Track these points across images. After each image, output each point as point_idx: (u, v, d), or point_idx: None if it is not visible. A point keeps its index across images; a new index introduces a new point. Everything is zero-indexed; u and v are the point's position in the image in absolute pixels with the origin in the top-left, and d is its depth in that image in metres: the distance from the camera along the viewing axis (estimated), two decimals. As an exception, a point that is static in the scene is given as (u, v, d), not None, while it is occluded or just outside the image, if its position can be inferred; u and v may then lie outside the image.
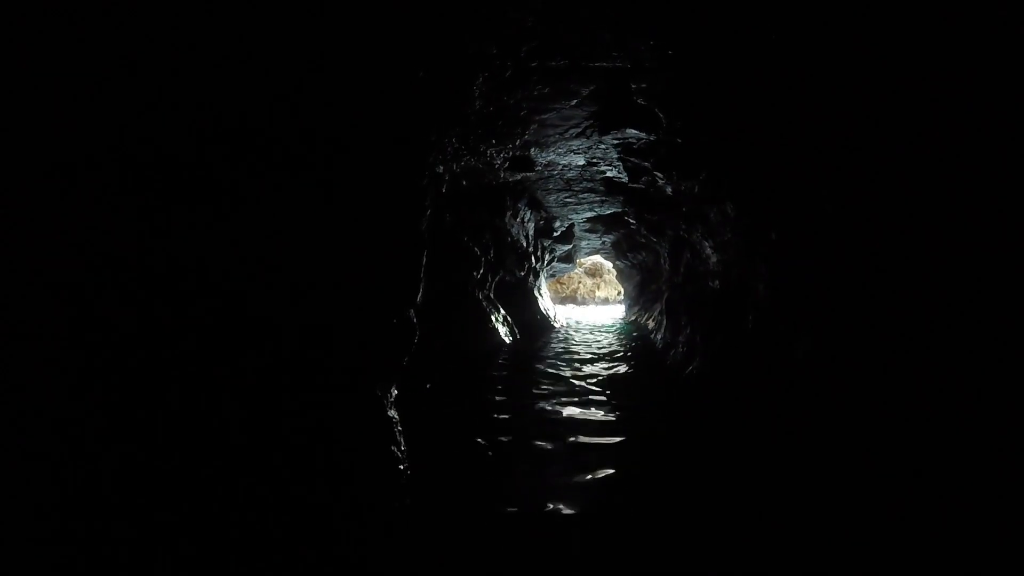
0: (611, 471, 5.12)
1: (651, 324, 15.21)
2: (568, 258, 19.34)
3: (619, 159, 8.48)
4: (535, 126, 6.81)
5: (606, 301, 27.00)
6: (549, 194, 12.34)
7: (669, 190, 9.27)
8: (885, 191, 4.53)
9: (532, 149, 8.18)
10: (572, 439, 5.96)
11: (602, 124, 6.66)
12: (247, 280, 3.88)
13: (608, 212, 13.98)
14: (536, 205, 13.38)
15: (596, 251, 20.25)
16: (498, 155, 8.22)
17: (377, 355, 5.13)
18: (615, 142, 7.63)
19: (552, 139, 7.55)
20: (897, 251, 4.49)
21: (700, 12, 4.24)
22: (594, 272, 28.45)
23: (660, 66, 5.08)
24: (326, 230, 4.51)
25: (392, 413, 5.23)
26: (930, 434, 4.01)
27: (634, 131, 6.88)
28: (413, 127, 5.26)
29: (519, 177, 10.40)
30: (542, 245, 16.40)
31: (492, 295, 13.84)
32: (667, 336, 12.28)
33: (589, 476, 5.05)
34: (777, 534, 3.94)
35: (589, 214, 14.32)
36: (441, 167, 7.34)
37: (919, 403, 4.17)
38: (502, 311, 13.92)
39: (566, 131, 7.13)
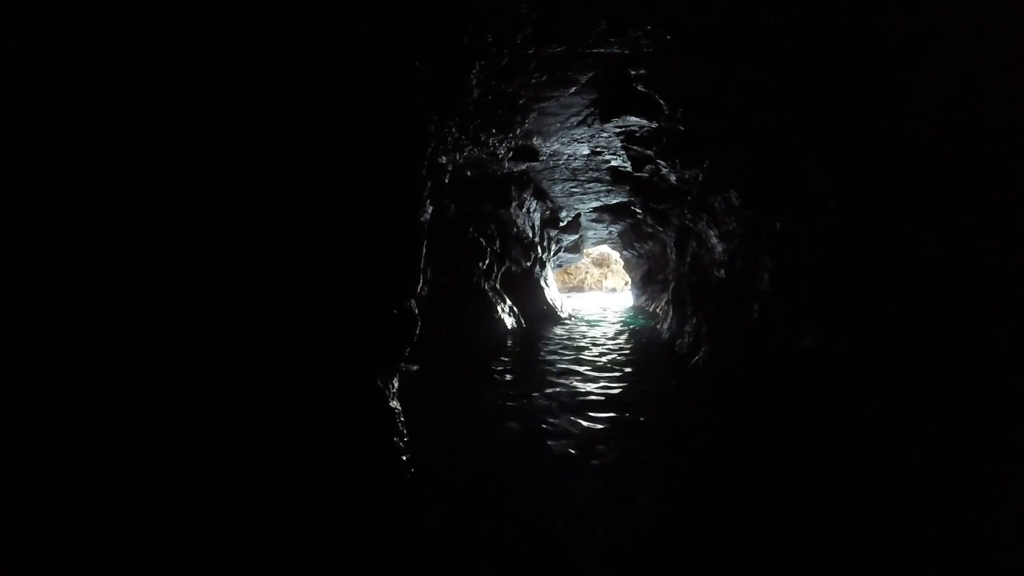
0: (617, 460, 5.11)
1: (658, 313, 15.16)
2: (575, 248, 19.28)
3: (623, 147, 8.42)
4: (535, 114, 6.76)
5: (613, 291, 26.91)
6: (555, 184, 12.28)
7: (673, 179, 9.21)
8: (890, 185, 4.47)
9: (535, 138, 8.13)
10: (577, 430, 5.93)
11: (602, 112, 6.60)
12: (244, 272, 3.87)
13: (614, 202, 13.92)
14: (542, 195, 13.33)
15: (603, 241, 20.18)
16: (501, 144, 8.16)
17: (377, 347, 5.12)
18: (617, 130, 7.57)
19: (554, 128, 7.49)
20: (903, 245, 4.44)
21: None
22: (601, 262, 28.34)
23: (659, 52, 5.03)
24: (323, 221, 4.49)
25: (394, 404, 5.21)
26: (936, 431, 3.96)
27: (635, 119, 6.81)
28: (410, 117, 5.22)
29: (524, 167, 10.36)
30: (548, 235, 16.34)
31: (498, 285, 13.82)
32: (673, 326, 12.23)
33: (594, 470, 5.03)
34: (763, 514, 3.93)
35: (595, 204, 14.25)
36: (443, 157, 7.30)
37: (926, 399, 4.12)
38: (508, 301, 13.90)
39: (567, 119, 7.08)
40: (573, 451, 5.34)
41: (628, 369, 9.66)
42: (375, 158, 4.91)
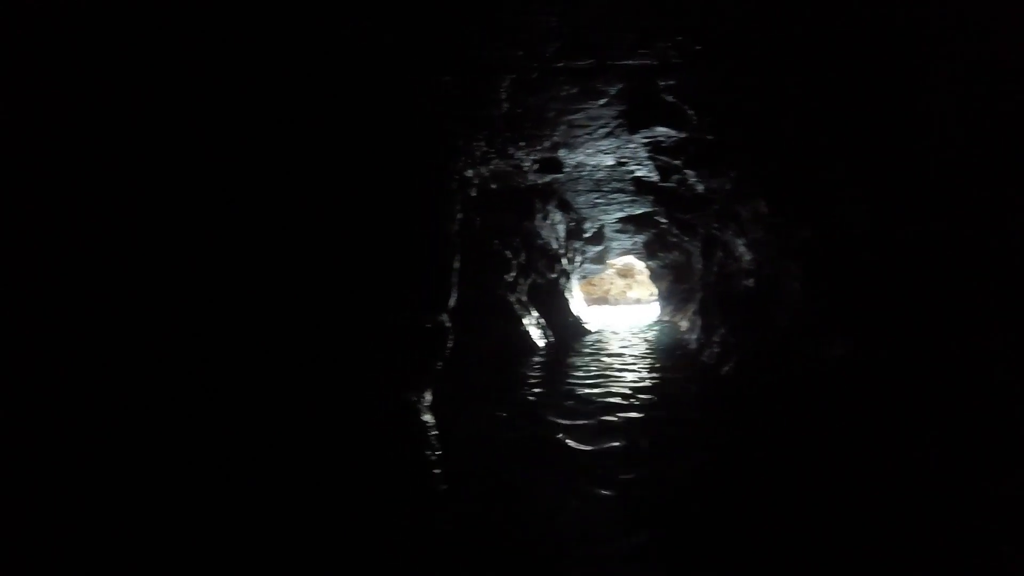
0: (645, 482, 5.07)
1: (685, 324, 15.07)
2: (599, 259, 19.23)
3: (649, 158, 8.41)
4: (563, 127, 6.78)
5: (638, 302, 26.73)
6: (578, 195, 12.30)
7: (700, 188, 9.18)
8: (919, 192, 4.43)
9: (561, 150, 8.16)
10: (604, 445, 5.90)
11: (631, 123, 6.61)
12: (268, 284, 3.91)
13: (639, 212, 13.88)
14: (566, 207, 13.34)
15: (627, 252, 20.11)
16: (527, 157, 8.20)
17: (408, 361, 5.14)
18: (644, 141, 7.57)
19: (581, 140, 7.51)
20: (932, 252, 4.39)
21: (727, 7, 4.20)
22: (625, 273, 28.16)
23: (687, 62, 5.04)
24: (355, 234, 4.53)
25: (427, 418, 5.21)
26: (969, 441, 3.90)
27: (663, 129, 6.82)
28: (440, 132, 5.27)
29: (548, 179, 10.39)
30: (573, 247, 16.33)
31: (524, 298, 13.82)
32: (701, 336, 12.15)
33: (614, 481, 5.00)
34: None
35: (619, 214, 14.23)
36: (470, 171, 7.36)
37: (958, 408, 4.06)
38: (534, 314, 13.90)
39: (595, 131, 7.09)
40: (595, 460, 5.32)
41: (655, 377, 9.61)
42: (405, 173, 4.96)
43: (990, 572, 3.29)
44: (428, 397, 5.32)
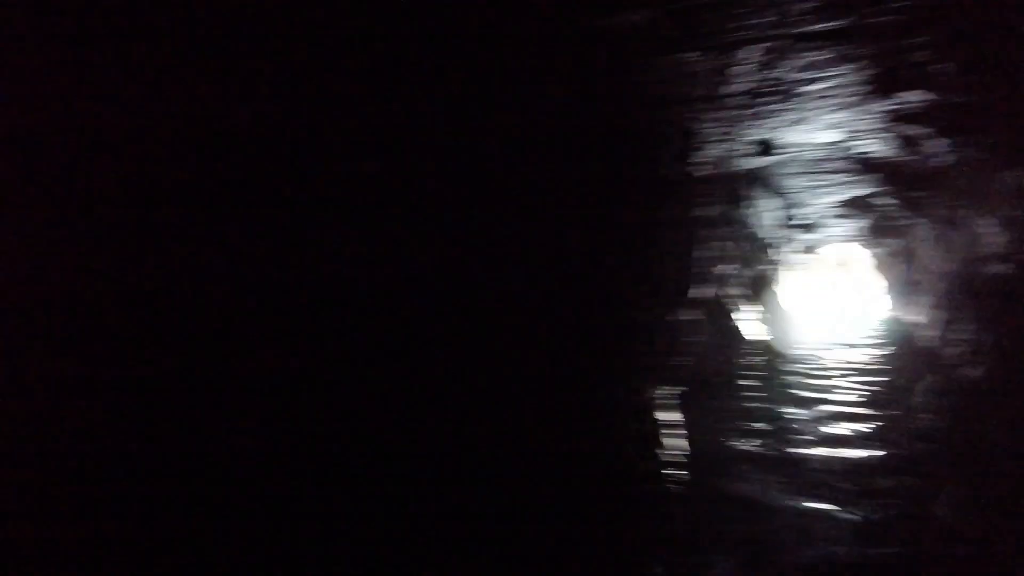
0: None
1: (919, 319, 13.71)
2: (811, 248, 18.09)
3: (884, 128, 7.63)
4: (797, 99, 6.27)
5: (859, 293, 24.70)
6: (790, 179, 11.54)
7: (943, 160, 8.24)
8: None
9: (781, 129, 7.61)
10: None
11: (879, 88, 5.96)
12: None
13: (859, 193, 12.79)
14: (775, 192, 12.60)
15: (844, 238, 18.70)
16: (743, 139, 7.75)
17: (638, 354, 5.01)
18: (886, 109, 6.84)
19: (811, 114, 6.92)
20: None
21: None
22: (843, 262, 26.14)
23: (948, 13, 4.46)
24: (576, 228, 4.47)
25: (662, 415, 5.05)
26: None
27: (913, 93, 6.11)
28: (667, 118, 5.07)
29: (763, 163, 9.82)
30: (782, 235, 15.46)
31: (734, 291, 13.30)
32: (940, 334, 10.97)
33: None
34: None
35: (838, 197, 13.19)
36: (690, 156, 7.09)
37: None
38: (746, 307, 13.35)
39: (832, 101, 6.48)
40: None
41: (884, 379, 8.84)
42: (633, 160, 4.82)
43: None
44: (662, 392, 5.15)
